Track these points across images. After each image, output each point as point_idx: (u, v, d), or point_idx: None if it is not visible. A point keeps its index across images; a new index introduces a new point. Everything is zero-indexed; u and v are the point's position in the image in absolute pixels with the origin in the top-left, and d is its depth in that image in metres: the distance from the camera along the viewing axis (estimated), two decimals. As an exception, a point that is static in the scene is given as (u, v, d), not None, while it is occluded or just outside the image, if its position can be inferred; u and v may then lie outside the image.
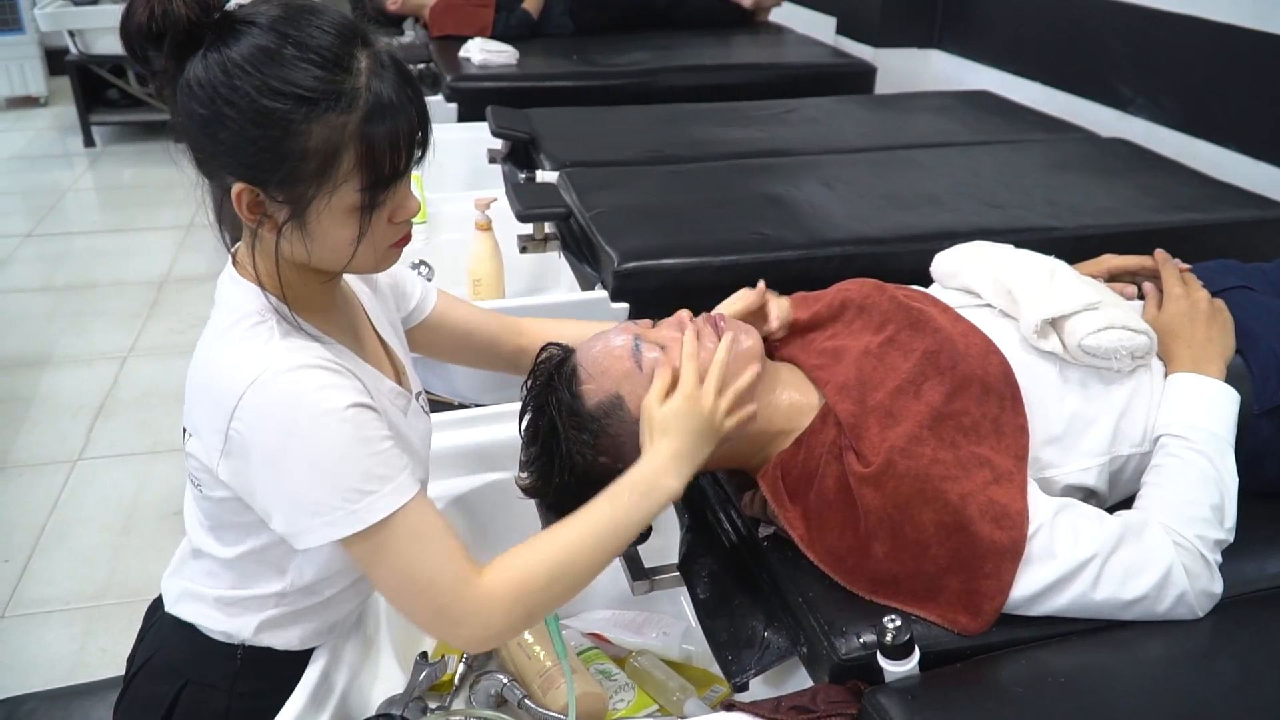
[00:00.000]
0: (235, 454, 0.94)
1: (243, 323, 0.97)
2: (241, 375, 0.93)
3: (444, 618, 0.97)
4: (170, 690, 1.09)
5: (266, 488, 0.95)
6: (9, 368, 3.29)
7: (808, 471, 1.13)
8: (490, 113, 2.74)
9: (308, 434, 0.92)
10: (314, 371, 0.94)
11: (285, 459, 0.92)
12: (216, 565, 1.08)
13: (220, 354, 0.97)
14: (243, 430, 0.93)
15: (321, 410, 0.92)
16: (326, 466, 0.92)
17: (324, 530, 0.93)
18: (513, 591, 0.99)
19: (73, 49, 5.38)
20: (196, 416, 0.99)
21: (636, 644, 1.44)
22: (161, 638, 1.13)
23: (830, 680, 1.04)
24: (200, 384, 0.98)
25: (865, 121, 2.97)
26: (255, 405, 0.92)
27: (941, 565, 1.04)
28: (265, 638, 1.08)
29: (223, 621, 1.08)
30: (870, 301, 1.29)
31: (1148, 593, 1.04)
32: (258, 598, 1.07)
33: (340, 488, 0.93)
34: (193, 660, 1.10)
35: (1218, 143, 2.64)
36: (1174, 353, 1.23)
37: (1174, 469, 1.12)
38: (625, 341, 1.17)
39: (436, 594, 0.96)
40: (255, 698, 1.09)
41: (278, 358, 0.94)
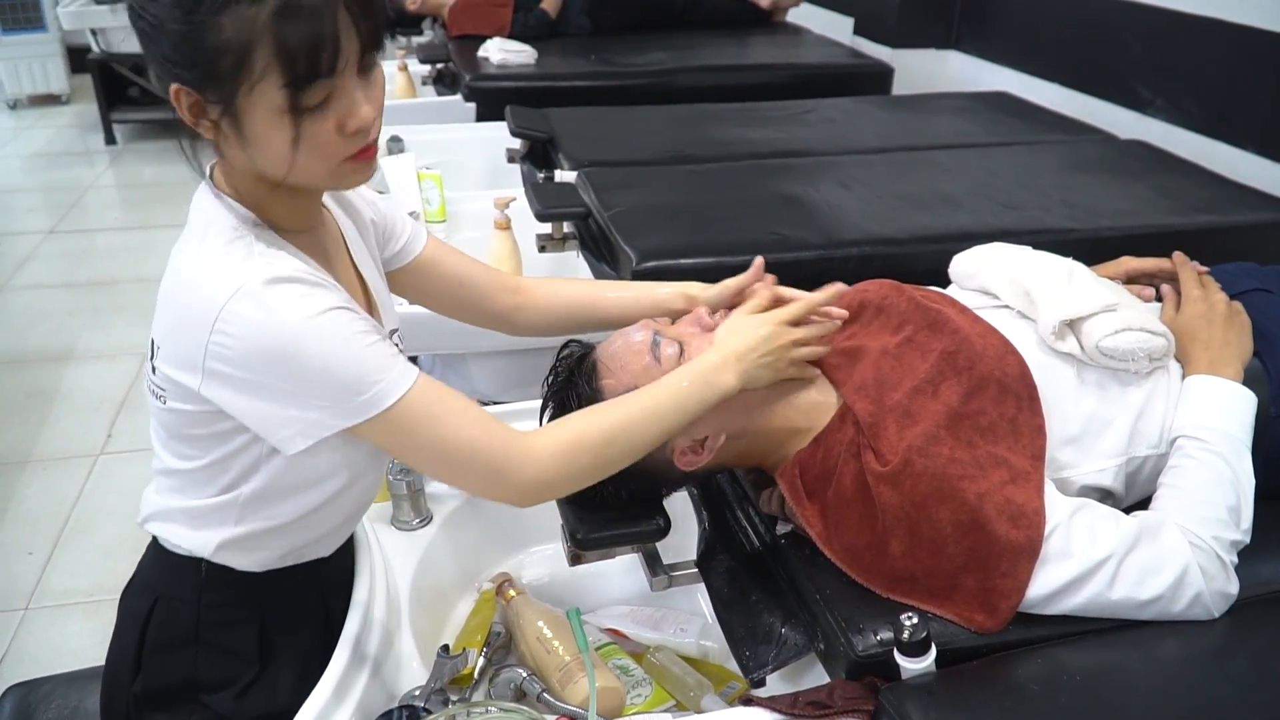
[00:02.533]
0: (217, 369, 0.93)
1: (217, 237, 0.96)
2: (220, 288, 0.91)
3: (494, 477, 1.00)
4: (145, 605, 1.11)
5: (258, 398, 0.93)
6: (32, 363, 3.33)
7: (826, 470, 1.14)
8: (509, 112, 2.76)
9: (295, 341, 0.91)
10: (293, 284, 0.93)
11: (277, 366, 0.92)
12: (177, 479, 1.08)
13: (196, 267, 0.95)
14: (225, 343, 0.91)
15: (306, 314, 0.92)
16: (323, 366, 0.92)
17: (333, 422, 0.94)
18: (565, 446, 1.02)
19: (95, 47, 5.43)
20: (169, 330, 0.97)
21: (654, 640, 1.45)
22: (143, 558, 1.16)
23: (847, 676, 1.06)
24: (174, 298, 0.96)
25: (883, 122, 2.97)
26: (236, 317, 0.90)
27: (958, 563, 1.05)
28: (223, 557, 1.08)
29: (186, 536, 1.08)
30: (888, 302, 1.30)
31: (1163, 593, 1.05)
32: (217, 510, 1.06)
33: (339, 384, 0.93)
34: (162, 575, 1.12)
35: (1237, 145, 2.63)
36: (1191, 355, 1.23)
37: (1190, 470, 1.13)
38: (645, 337, 1.19)
39: (481, 457, 0.99)
40: (221, 609, 1.11)
41: (256, 269, 0.93)
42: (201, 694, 1.11)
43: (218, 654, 1.11)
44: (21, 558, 2.41)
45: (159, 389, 1.02)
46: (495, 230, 2.25)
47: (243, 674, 1.12)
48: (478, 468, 1.00)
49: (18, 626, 2.20)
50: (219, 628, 1.11)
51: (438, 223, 2.54)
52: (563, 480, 1.04)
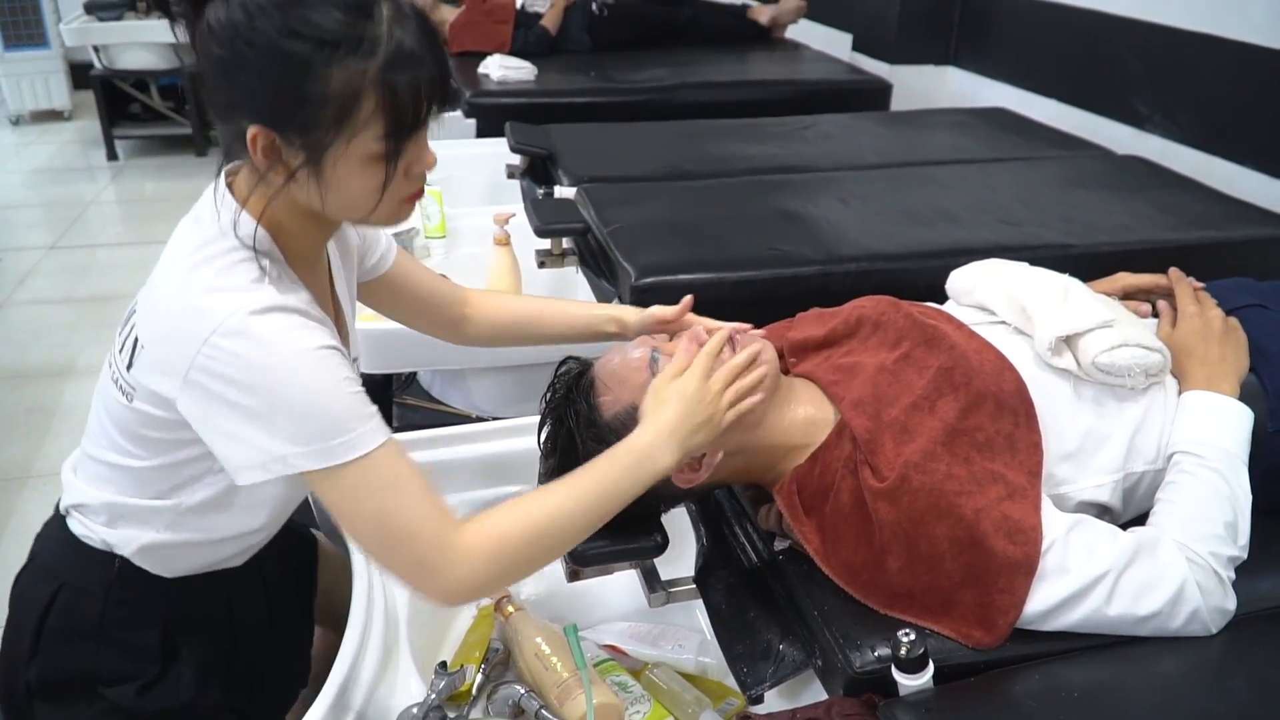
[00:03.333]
0: (199, 381, 0.92)
1: (228, 254, 0.95)
2: (221, 306, 0.91)
3: (422, 569, 0.97)
4: (47, 592, 1.10)
5: (231, 419, 0.92)
6: (33, 378, 3.33)
7: (823, 486, 1.14)
8: (509, 128, 2.77)
9: (285, 370, 0.91)
10: (290, 314, 0.93)
11: (261, 391, 0.91)
12: (116, 473, 1.07)
13: (200, 278, 0.94)
14: (211, 365, 0.91)
15: (298, 348, 0.92)
16: (304, 402, 0.91)
17: (297, 461, 0.92)
18: (492, 547, 0.98)
19: (97, 64, 5.46)
20: (158, 334, 0.96)
21: (652, 656, 1.45)
22: (45, 537, 1.15)
23: (845, 693, 1.06)
24: (171, 304, 0.95)
25: (881, 138, 2.99)
26: (232, 336, 0.90)
27: (955, 580, 1.05)
28: (143, 559, 1.08)
29: (107, 531, 1.08)
30: (885, 318, 1.30)
31: (1161, 609, 1.05)
32: (150, 513, 1.06)
33: (317, 423, 0.92)
34: (69, 563, 1.11)
35: (1234, 160, 2.64)
36: (1188, 370, 1.24)
37: (1187, 486, 1.13)
38: (642, 354, 1.19)
39: (416, 544, 0.96)
40: (128, 605, 1.11)
41: (261, 293, 0.93)
42: (99, 686, 1.11)
43: (119, 650, 1.11)
44: (20, 574, 2.40)
45: (128, 386, 1.01)
46: (495, 246, 2.25)
47: (143, 672, 1.12)
48: (409, 553, 0.96)
49: (16, 643, 2.19)
50: (124, 625, 1.11)
51: (438, 238, 2.55)
52: (491, 581, 1.00)
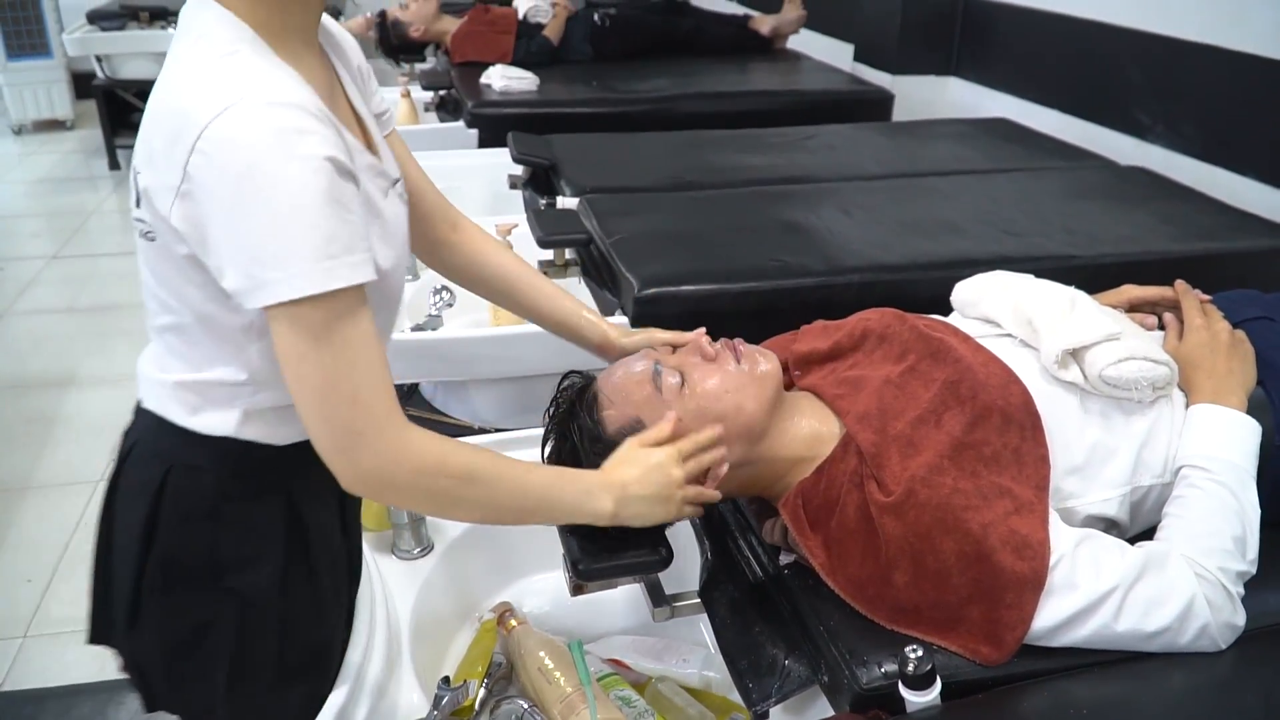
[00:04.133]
0: (193, 193, 0.86)
1: (211, 50, 0.89)
2: (210, 102, 0.84)
3: (350, 438, 0.92)
4: (157, 474, 1.04)
5: (221, 232, 0.86)
6: (33, 388, 3.33)
7: (829, 500, 1.14)
8: (511, 139, 2.77)
9: (276, 174, 0.84)
10: (294, 111, 0.86)
11: (247, 200, 0.84)
12: (179, 339, 1.01)
13: (187, 79, 0.88)
14: (204, 165, 0.84)
15: (296, 153, 0.85)
16: (290, 213, 0.84)
17: (278, 287, 0.86)
18: (430, 461, 0.96)
19: (100, 73, 5.47)
20: (151, 151, 0.90)
21: (656, 670, 1.44)
22: (142, 427, 1.07)
23: (851, 709, 1.05)
24: (160, 113, 0.89)
25: (883, 148, 2.99)
26: (222, 137, 0.83)
27: (963, 595, 1.04)
28: (245, 431, 1.03)
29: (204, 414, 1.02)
30: (891, 331, 1.30)
31: (1170, 624, 1.04)
32: (226, 386, 1.00)
33: (302, 241, 0.85)
34: (177, 445, 1.04)
35: (1237, 171, 2.63)
36: (1195, 384, 1.23)
37: (1195, 500, 1.12)
38: (645, 368, 1.19)
39: (357, 412, 0.91)
40: (246, 479, 1.05)
41: (255, 88, 0.86)
42: (225, 576, 1.05)
43: (240, 530, 1.05)
44: (20, 585, 2.39)
45: (143, 224, 0.95)
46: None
47: (267, 554, 1.07)
48: (343, 419, 0.91)
49: (16, 654, 2.19)
50: (243, 498, 1.05)
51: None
52: (402, 489, 0.98)
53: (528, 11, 4.13)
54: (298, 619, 1.10)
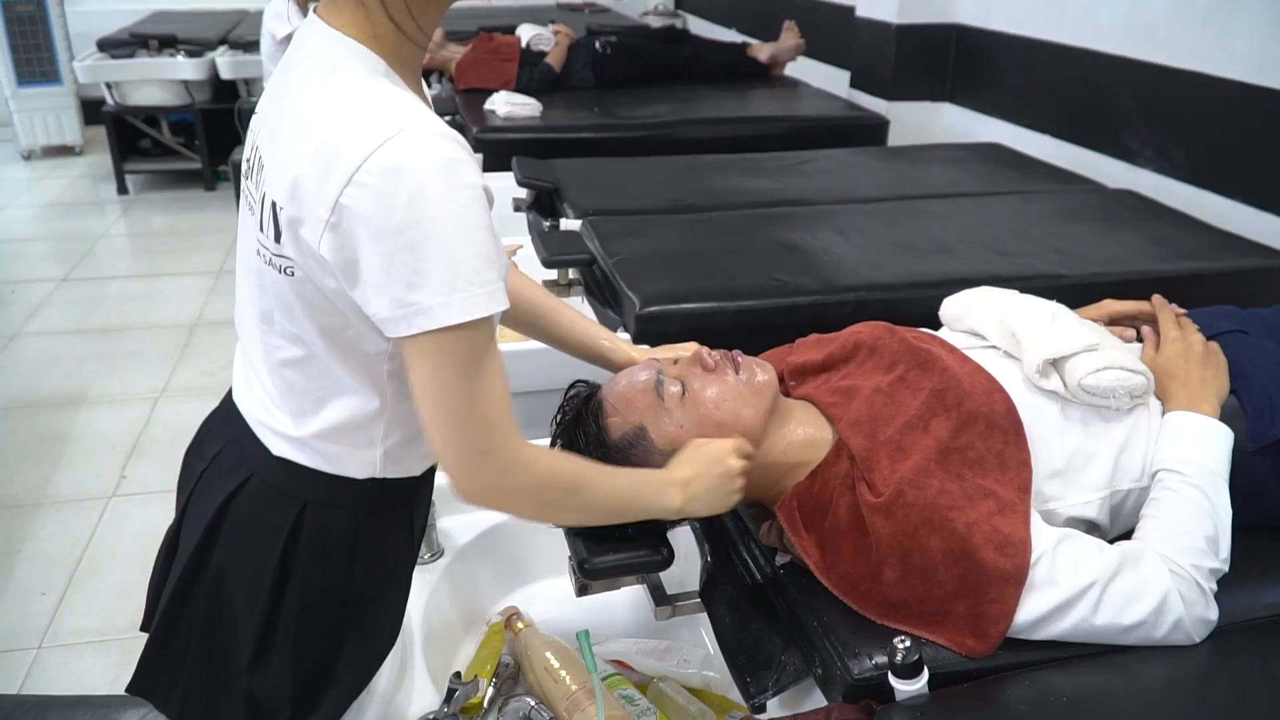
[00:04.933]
0: (345, 223, 0.86)
1: (353, 83, 0.89)
2: (368, 136, 0.84)
3: (481, 458, 0.95)
4: (289, 514, 1.05)
5: (378, 262, 0.86)
6: (45, 407, 3.38)
7: (822, 502, 1.19)
8: (515, 163, 2.84)
9: (443, 203, 0.85)
10: (451, 142, 0.87)
11: (413, 230, 0.84)
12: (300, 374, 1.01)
13: (334, 113, 0.87)
14: (361, 196, 0.84)
15: (459, 182, 0.86)
16: (457, 242, 0.85)
17: (439, 314, 0.87)
18: (542, 474, 1.01)
19: (109, 100, 5.56)
20: (298, 183, 0.88)
21: (658, 670, 1.49)
22: (258, 461, 1.07)
23: (844, 699, 1.10)
24: (306, 146, 0.88)
25: (879, 172, 3.05)
26: (385, 167, 0.83)
27: (949, 590, 1.10)
28: (393, 468, 1.06)
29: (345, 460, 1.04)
30: (881, 343, 1.36)
31: (1145, 618, 1.09)
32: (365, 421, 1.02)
33: (468, 269, 0.86)
34: (316, 486, 1.05)
35: (1224, 194, 2.70)
36: (1170, 392, 1.29)
37: (1170, 502, 1.18)
38: (649, 377, 1.25)
39: (488, 434, 0.94)
40: (384, 517, 1.09)
41: (412, 120, 0.86)
42: (353, 606, 1.08)
43: (373, 562, 1.09)
44: (35, 598, 2.45)
45: (284, 260, 0.93)
46: (502, 276, 2.31)
47: (396, 576, 1.12)
48: (477, 440, 0.94)
49: (31, 665, 2.23)
50: (379, 534, 1.09)
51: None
52: (518, 501, 1.03)
53: (530, 40, 4.21)
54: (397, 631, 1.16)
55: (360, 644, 1.11)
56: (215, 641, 1.10)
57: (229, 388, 1.18)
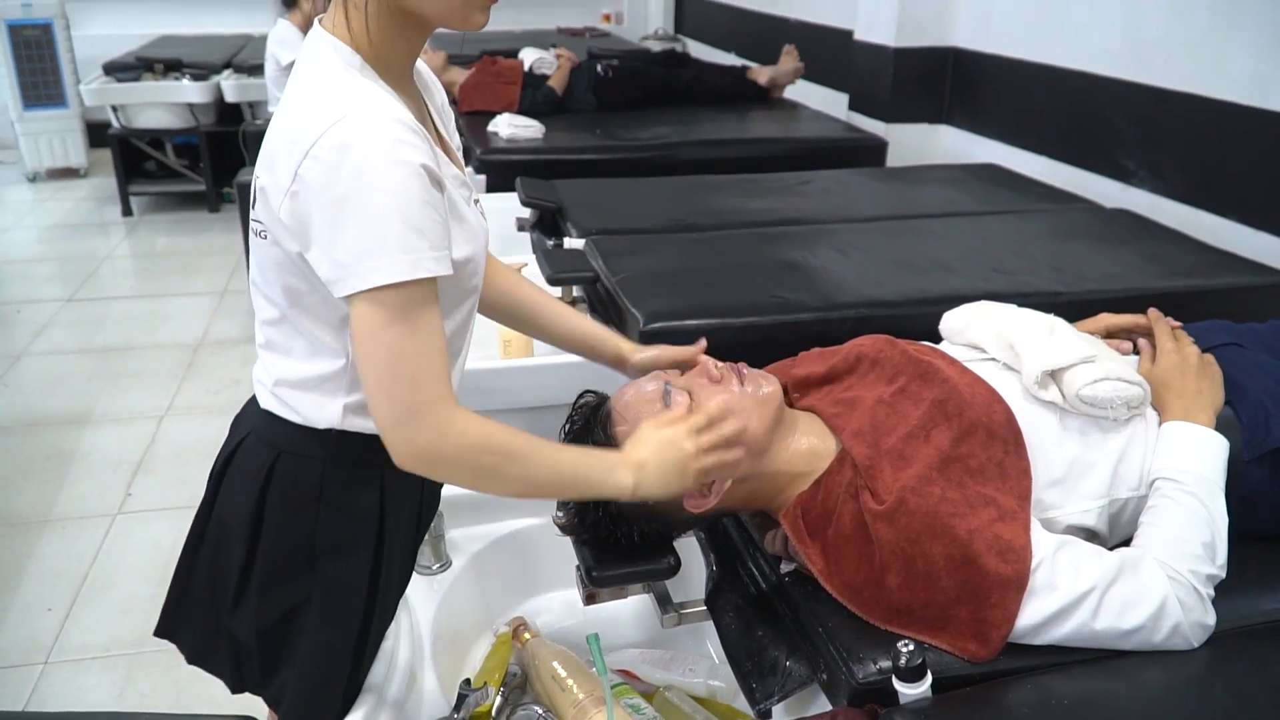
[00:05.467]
0: (301, 192, 0.98)
1: (326, 72, 1.03)
2: (325, 115, 0.97)
3: (410, 414, 1.01)
4: (266, 462, 1.16)
5: (323, 226, 0.98)
6: (51, 425, 3.41)
7: (826, 510, 1.22)
8: (519, 183, 2.88)
9: (378, 177, 0.96)
10: (396, 124, 0.99)
11: (351, 199, 0.96)
12: (282, 334, 1.12)
13: (304, 96, 1.02)
14: (314, 168, 0.97)
15: (397, 159, 0.97)
16: (390, 210, 0.96)
17: (369, 274, 0.97)
18: (474, 438, 1.05)
19: (115, 123, 5.61)
20: (270, 154, 1.03)
21: (664, 680, 1.51)
22: (255, 421, 1.19)
23: (848, 704, 1.12)
24: (281, 124, 1.03)
25: (877, 192, 3.09)
26: (334, 143, 0.96)
27: (951, 596, 1.12)
28: (353, 421, 1.13)
29: (310, 410, 1.13)
30: (883, 355, 1.38)
31: (1144, 623, 1.11)
32: (329, 377, 1.12)
33: (395, 235, 0.97)
34: (285, 435, 1.16)
35: (1219, 214, 2.73)
36: (1166, 403, 1.32)
37: (1167, 509, 1.20)
38: (656, 387, 1.28)
39: (418, 392, 1.01)
40: (348, 468, 1.16)
41: (363, 103, 0.99)
42: (318, 559, 1.15)
43: (339, 514, 1.15)
44: (41, 614, 2.46)
45: (258, 222, 1.07)
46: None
47: (360, 537, 1.16)
48: (408, 397, 1.01)
49: (37, 680, 2.25)
50: (343, 486, 1.15)
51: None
52: (450, 464, 1.06)
53: (533, 63, 4.26)
54: (371, 607, 1.19)
55: (328, 601, 1.16)
56: (215, 586, 1.20)
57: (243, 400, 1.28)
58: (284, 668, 1.19)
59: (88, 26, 6.70)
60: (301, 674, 1.17)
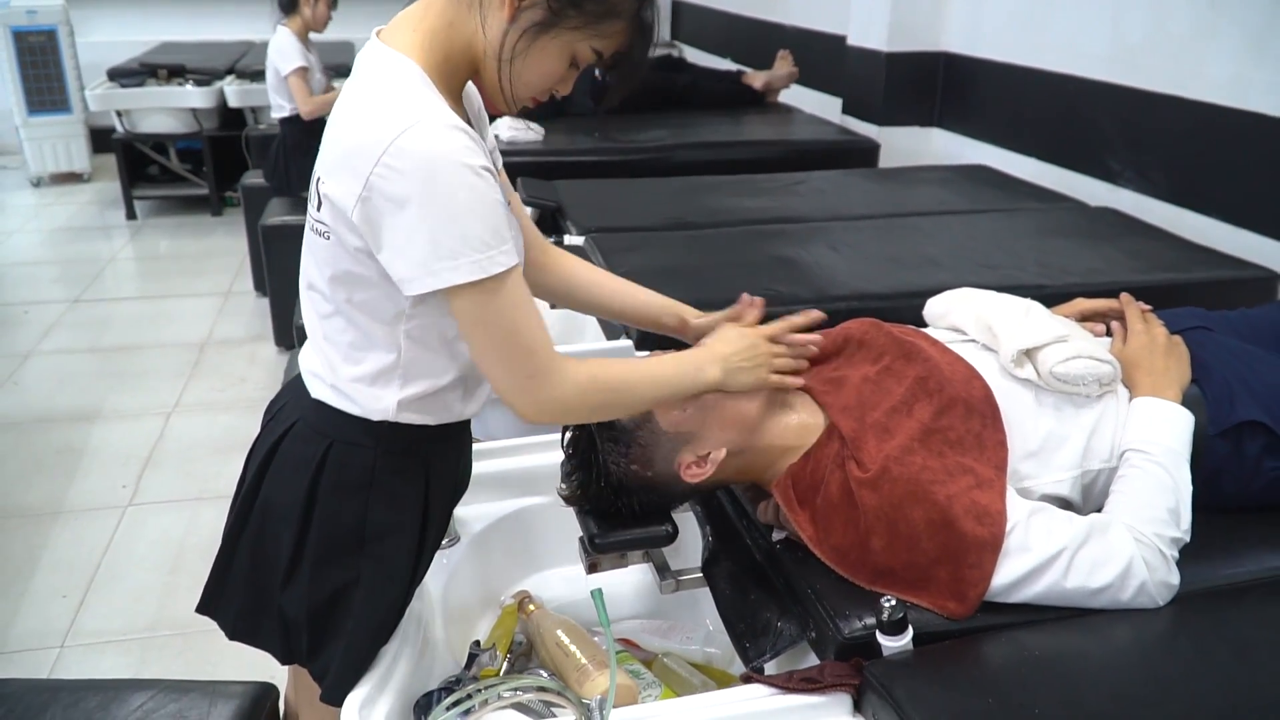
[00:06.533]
0: (374, 198, 1.04)
1: (389, 83, 1.09)
2: (393, 124, 1.03)
3: (534, 380, 1.13)
4: (318, 449, 1.22)
5: (397, 227, 1.05)
6: (61, 421, 3.48)
7: (815, 480, 1.29)
8: (520, 184, 2.95)
9: (449, 181, 1.03)
10: (459, 131, 1.06)
11: (424, 201, 1.03)
12: (337, 328, 1.19)
13: (369, 106, 1.09)
14: (387, 175, 1.03)
15: (464, 163, 1.04)
16: (461, 213, 1.04)
17: (446, 274, 1.05)
18: (585, 379, 1.17)
19: (119, 128, 5.68)
20: (338, 157, 1.09)
21: (663, 647, 1.59)
22: (304, 407, 1.25)
23: (836, 658, 1.19)
24: (344, 131, 1.09)
25: (869, 192, 3.17)
26: (404, 150, 1.02)
27: (931, 557, 1.20)
28: (406, 415, 1.21)
29: (367, 402, 1.20)
30: (869, 337, 1.46)
31: (1112, 581, 1.19)
32: (383, 370, 1.19)
33: (469, 236, 1.05)
34: (338, 424, 1.22)
35: (1202, 212, 2.80)
36: (1136, 380, 1.40)
37: (1135, 478, 1.28)
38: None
39: (535, 359, 1.12)
40: (398, 455, 1.23)
41: (430, 113, 1.05)
42: (366, 542, 1.22)
43: (388, 498, 1.23)
44: (56, 601, 2.53)
45: (321, 223, 1.14)
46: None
47: (406, 522, 1.24)
48: (523, 366, 1.12)
49: (54, 663, 2.32)
50: (392, 472, 1.23)
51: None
52: (576, 409, 1.20)
53: (533, 68, 4.33)
54: (412, 583, 1.28)
55: (375, 579, 1.24)
56: (261, 566, 1.27)
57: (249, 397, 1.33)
58: (331, 642, 1.25)
59: (91, 33, 6.78)
60: (348, 647, 1.24)
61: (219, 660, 2.25)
